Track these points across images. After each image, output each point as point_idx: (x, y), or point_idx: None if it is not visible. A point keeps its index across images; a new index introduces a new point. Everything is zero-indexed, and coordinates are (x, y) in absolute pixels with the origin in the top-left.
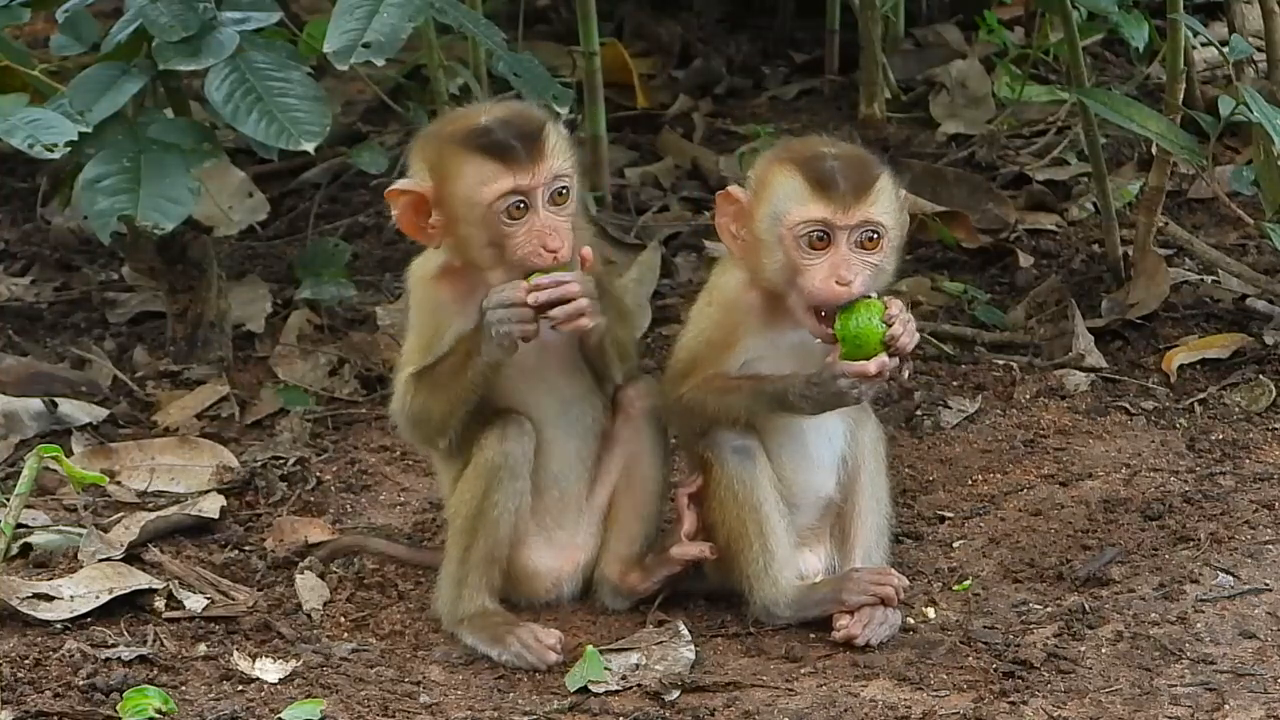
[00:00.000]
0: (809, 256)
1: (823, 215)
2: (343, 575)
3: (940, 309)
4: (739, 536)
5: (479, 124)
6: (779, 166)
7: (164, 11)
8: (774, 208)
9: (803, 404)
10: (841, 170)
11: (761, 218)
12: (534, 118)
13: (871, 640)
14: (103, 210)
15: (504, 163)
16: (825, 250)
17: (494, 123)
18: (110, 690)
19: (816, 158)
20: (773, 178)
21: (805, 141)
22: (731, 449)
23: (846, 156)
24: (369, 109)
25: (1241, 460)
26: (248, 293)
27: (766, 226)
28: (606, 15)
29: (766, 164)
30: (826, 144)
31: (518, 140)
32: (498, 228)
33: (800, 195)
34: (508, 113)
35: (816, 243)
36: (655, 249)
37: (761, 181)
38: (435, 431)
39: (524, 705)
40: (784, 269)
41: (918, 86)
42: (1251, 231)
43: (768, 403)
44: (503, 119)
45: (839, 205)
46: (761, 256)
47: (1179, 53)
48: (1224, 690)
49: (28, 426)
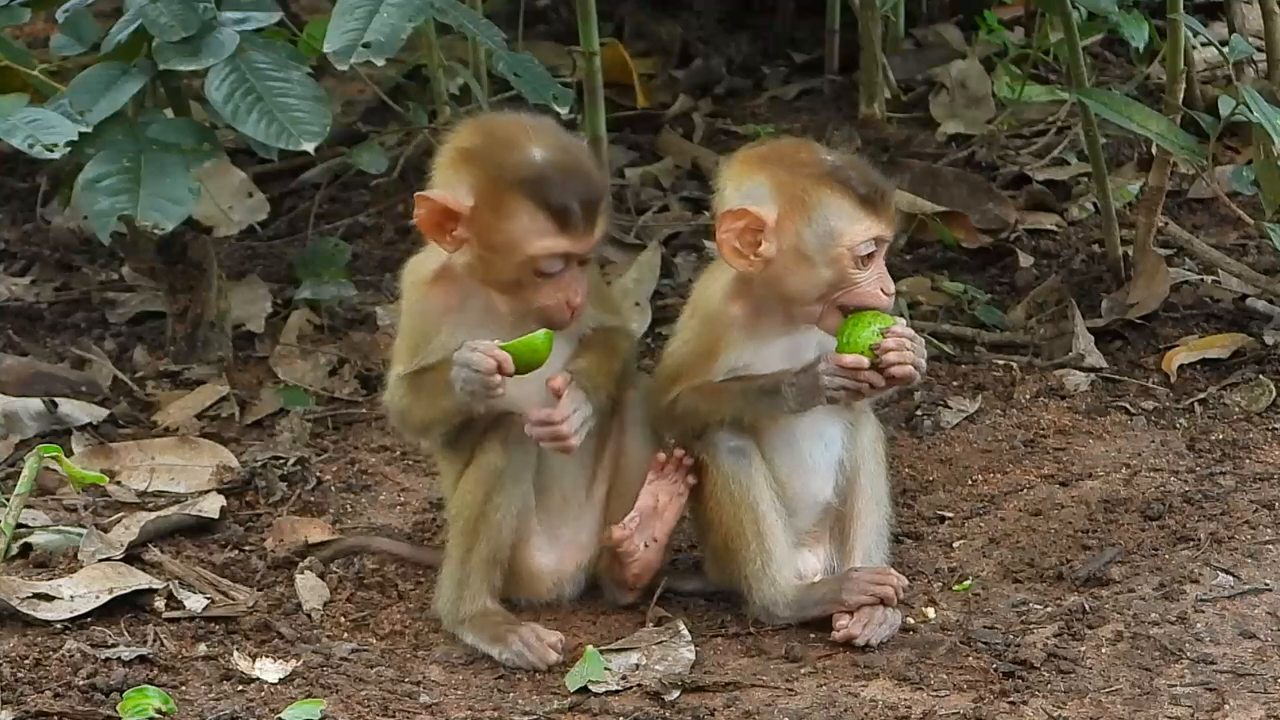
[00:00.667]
0: (861, 271)
1: (878, 232)
2: (343, 575)
3: (940, 309)
4: (736, 536)
5: (539, 169)
6: (821, 186)
7: (164, 11)
8: (824, 227)
9: (790, 394)
10: (875, 183)
11: (807, 237)
12: (595, 178)
13: (871, 640)
14: (103, 210)
15: (562, 226)
16: (871, 264)
17: (555, 174)
18: (110, 690)
19: (849, 168)
20: (816, 197)
21: (809, 148)
22: (727, 449)
23: (861, 166)
24: (369, 109)
25: (1241, 460)
26: (248, 293)
27: (816, 246)
28: (606, 15)
29: (795, 180)
30: (820, 149)
31: (580, 206)
32: (529, 276)
33: (854, 214)
34: (566, 161)
35: (868, 258)
36: (655, 249)
37: (798, 200)
38: (418, 432)
39: (524, 705)
40: (825, 285)
41: (918, 86)
42: (1251, 231)
43: (757, 399)
44: (564, 171)
45: (885, 219)
46: (793, 272)
47: (1179, 53)
48: (1224, 690)
49: (28, 426)
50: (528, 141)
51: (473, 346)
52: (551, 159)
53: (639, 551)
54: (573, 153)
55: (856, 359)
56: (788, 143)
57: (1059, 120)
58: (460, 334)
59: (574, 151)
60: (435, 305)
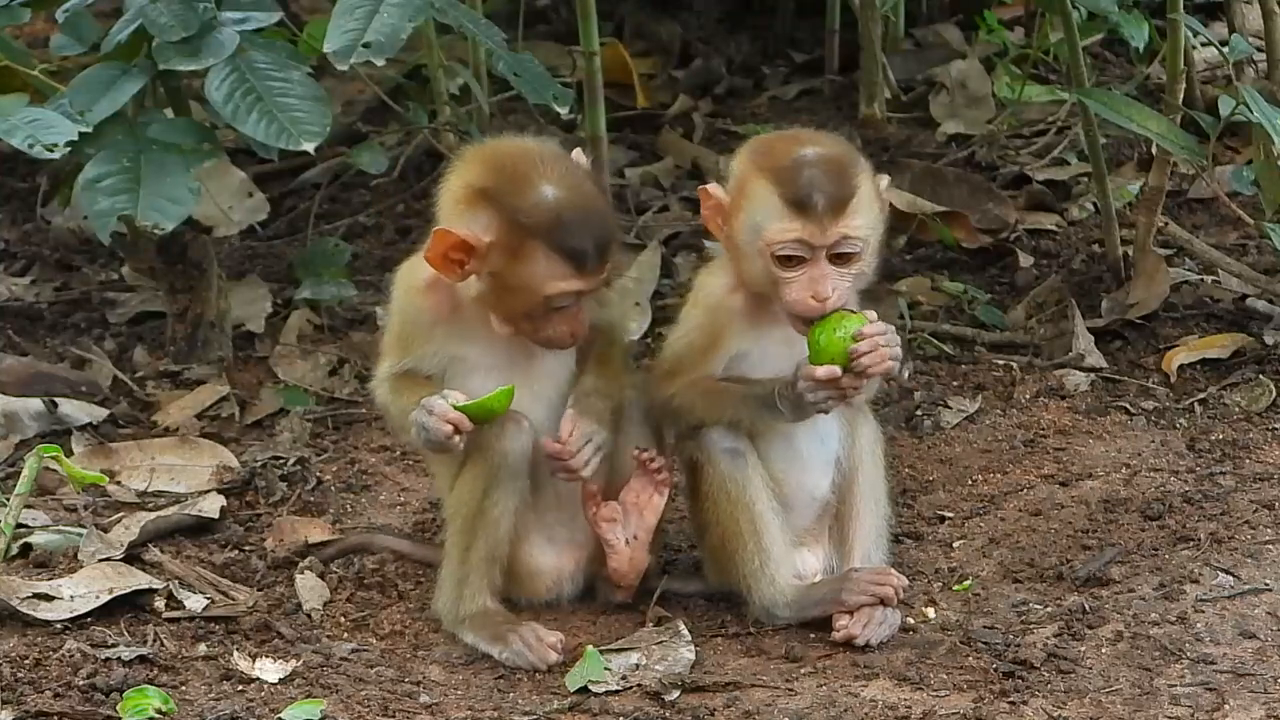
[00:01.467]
0: (786, 271)
1: (798, 235)
2: (343, 575)
3: (940, 309)
4: (734, 537)
5: (556, 213)
6: (757, 177)
7: (164, 11)
8: (752, 219)
9: (784, 407)
10: (819, 184)
11: (740, 227)
12: (607, 217)
13: (871, 640)
14: (103, 210)
15: (578, 268)
16: (802, 266)
17: (571, 217)
18: (110, 690)
19: (794, 169)
20: (751, 187)
21: (784, 140)
22: (722, 450)
23: (825, 164)
24: (369, 109)
25: (1241, 460)
26: (248, 293)
27: (746, 238)
28: (606, 15)
29: (745, 168)
30: (806, 143)
31: (594, 247)
32: (540, 311)
33: (777, 212)
34: (580, 202)
35: (794, 259)
36: (655, 249)
37: (740, 188)
38: (396, 429)
39: (524, 705)
40: (763, 277)
41: (918, 86)
42: (1251, 231)
43: (755, 407)
44: (579, 213)
45: (815, 225)
46: (740, 260)
47: (1179, 53)
48: (1224, 690)
49: (28, 426)
50: (543, 181)
51: (429, 408)
52: (566, 200)
53: (620, 544)
54: (584, 191)
55: (829, 370)
56: (790, 133)
57: (1059, 120)
58: (450, 345)
59: (586, 189)
60: (426, 313)
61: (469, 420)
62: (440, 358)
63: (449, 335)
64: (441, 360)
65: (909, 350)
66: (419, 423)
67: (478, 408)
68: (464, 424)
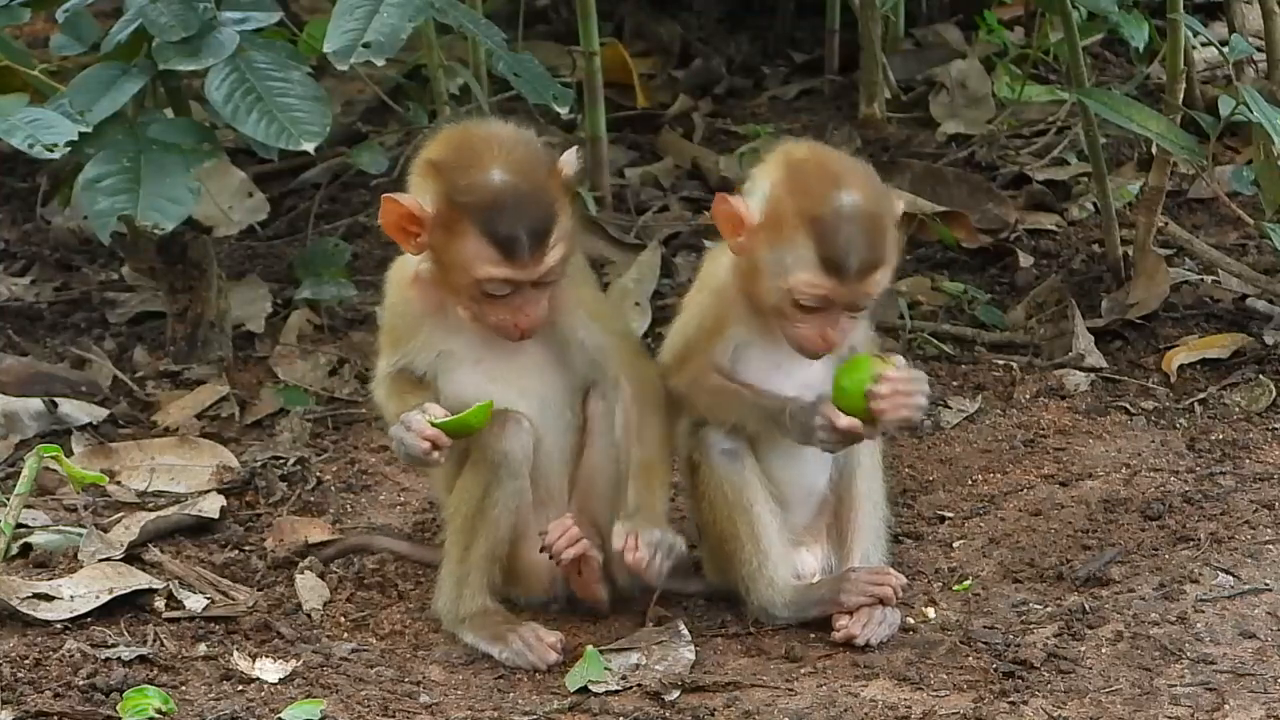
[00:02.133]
0: (800, 315)
1: (826, 293)
2: (343, 575)
3: (940, 309)
4: (732, 538)
5: (492, 195)
6: (795, 221)
7: (164, 11)
8: (780, 259)
9: (791, 428)
10: (857, 248)
11: (765, 256)
12: (547, 206)
13: (871, 640)
14: (103, 210)
15: (507, 255)
16: (817, 314)
17: (508, 201)
18: (110, 690)
19: (834, 225)
20: (786, 228)
21: (823, 175)
22: (719, 451)
23: (865, 221)
24: (369, 109)
25: (1241, 460)
26: (248, 293)
27: (769, 268)
28: (606, 15)
29: (782, 201)
30: (845, 183)
31: (526, 235)
32: (480, 296)
33: (809, 265)
34: (522, 187)
35: (812, 309)
36: (655, 249)
37: (774, 220)
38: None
39: (524, 705)
40: (773, 303)
41: (918, 86)
42: (1251, 231)
43: (763, 419)
44: (517, 198)
45: (845, 286)
46: (752, 279)
47: (1179, 53)
48: (1224, 690)
49: (28, 426)
50: (491, 162)
51: (406, 424)
52: (508, 184)
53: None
54: (533, 179)
55: (851, 423)
56: (822, 164)
57: (1059, 120)
58: (436, 339)
59: (535, 178)
60: (415, 307)
61: (446, 436)
62: (429, 352)
63: (436, 328)
64: (430, 355)
65: (910, 353)
66: (398, 439)
67: (456, 424)
68: (441, 440)
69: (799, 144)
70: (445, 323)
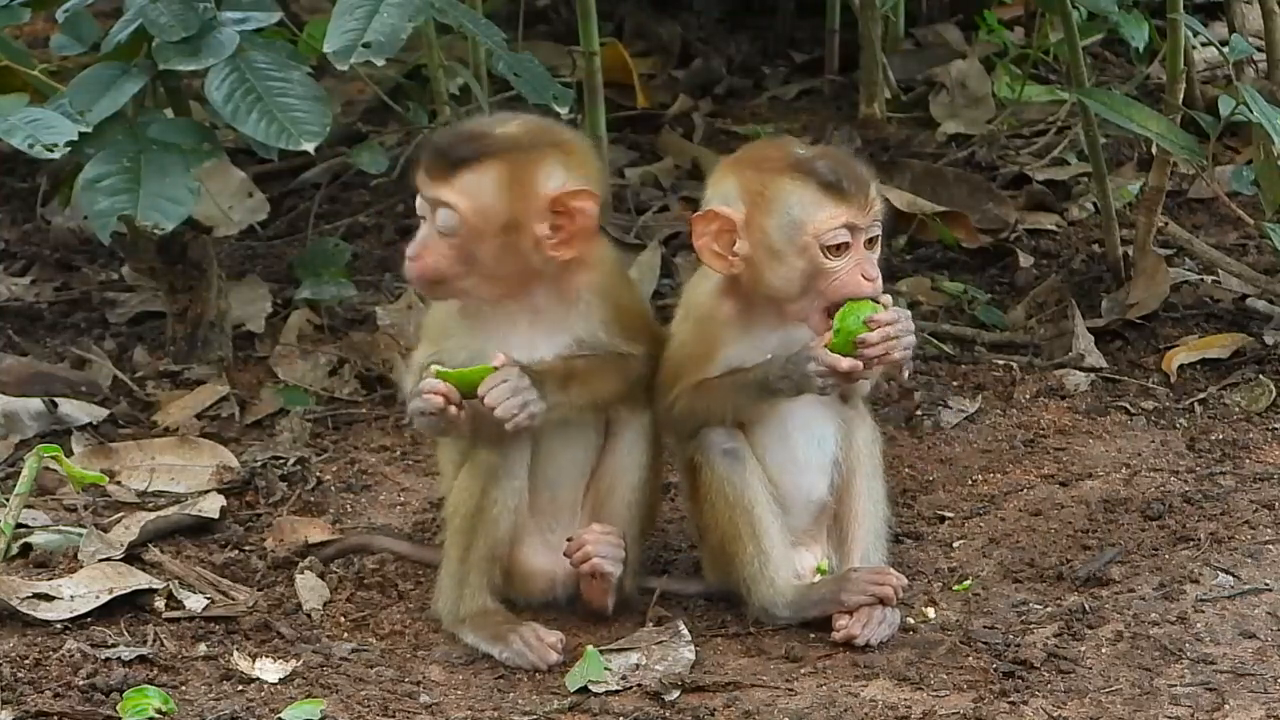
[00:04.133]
0: (833, 260)
1: (846, 220)
2: (343, 575)
3: (940, 309)
4: (733, 539)
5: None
6: (777, 178)
7: (164, 11)
8: (788, 218)
9: (781, 385)
10: (845, 169)
11: (771, 232)
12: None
13: (871, 640)
14: (103, 210)
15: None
16: (846, 252)
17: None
18: (110, 690)
19: (812, 160)
20: (774, 190)
21: (767, 147)
22: (720, 451)
23: (832, 153)
24: (369, 109)
25: (1241, 460)
26: (248, 293)
27: (781, 240)
28: (606, 15)
29: (751, 178)
30: (786, 144)
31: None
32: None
33: (817, 202)
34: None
35: (840, 247)
36: (655, 249)
37: (757, 197)
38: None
39: (524, 705)
40: (801, 277)
41: (918, 86)
42: (1251, 231)
43: (751, 390)
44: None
45: (856, 206)
46: (769, 269)
47: (1179, 53)
48: (1224, 690)
49: (28, 426)
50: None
51: (415, 392)
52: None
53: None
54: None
55: (851, 364)
56: (764, 142)
57: (1059, 120)
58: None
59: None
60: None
61: (458, 393)
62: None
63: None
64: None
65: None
66: (414, 410)
67: (458, 377)
68: (452, 394)
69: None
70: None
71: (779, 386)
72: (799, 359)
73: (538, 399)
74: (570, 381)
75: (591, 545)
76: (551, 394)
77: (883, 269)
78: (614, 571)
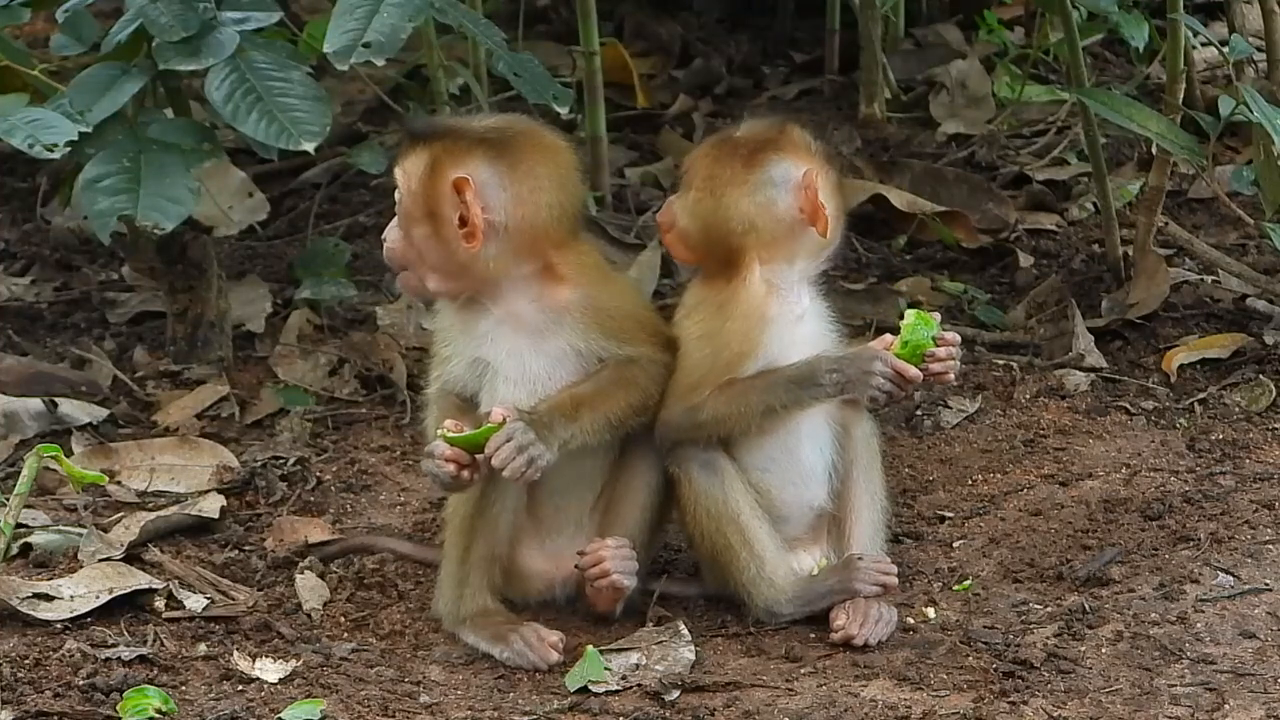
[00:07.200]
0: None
1: (808, 160)
2: (343, 575)
3: (940, 309)
4: (724, 549)
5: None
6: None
7: (164, 11)
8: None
9: (826, 379)
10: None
11: (758, 198)
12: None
13: (870, 639)
14: (103, 210)
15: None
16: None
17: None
18: (110, 690)
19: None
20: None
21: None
22: (698, 464)
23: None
24: (369, 109)
25: (1241, 460)
26: (248, 293)
27: (764, 201)
28: (606, 15)
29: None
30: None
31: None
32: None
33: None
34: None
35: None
36: (655, 249)
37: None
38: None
39: (524, 705)
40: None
41: (918, 86)
42: (1251, 231)
43: (792, 389)
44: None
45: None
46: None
47: (1179, 53)
48: (1224, 690)
49: (28, 426)
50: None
51: (429, 453)
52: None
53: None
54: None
55: (916, 374)
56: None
57: (1059, 120)
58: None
59: None
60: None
61: (466, 454)
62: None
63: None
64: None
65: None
66: (429, 473)
67: (465, 441)
68: (462, 458)
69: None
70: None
71: (823, 381)
72: (861, 357)
73: (544, 451)
74: (579, 410)
75: (609, 561)
76: (562, 430)
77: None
78: (630, 586)
